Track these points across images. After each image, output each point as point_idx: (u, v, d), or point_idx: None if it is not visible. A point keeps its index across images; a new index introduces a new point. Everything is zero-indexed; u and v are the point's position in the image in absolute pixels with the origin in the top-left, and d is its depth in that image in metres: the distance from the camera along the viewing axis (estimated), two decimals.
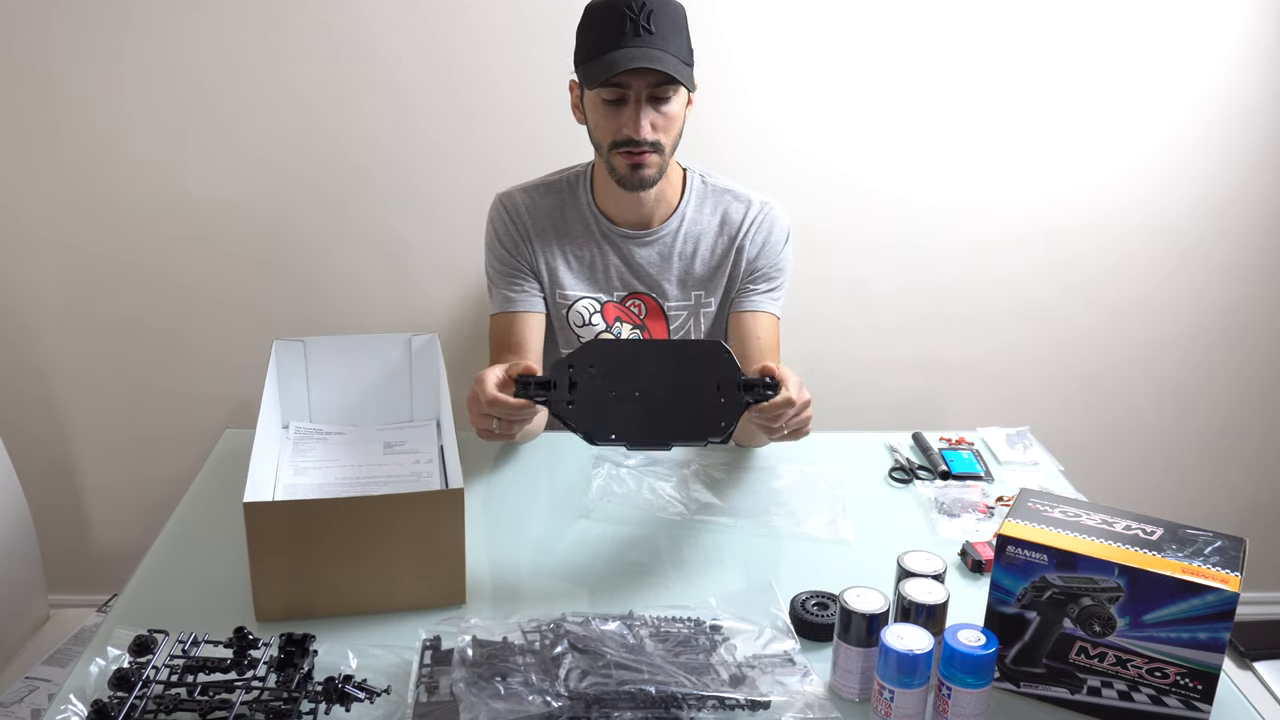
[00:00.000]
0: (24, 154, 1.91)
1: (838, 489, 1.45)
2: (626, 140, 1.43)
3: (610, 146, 1.45)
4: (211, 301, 2.02)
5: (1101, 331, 2.17)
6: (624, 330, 1.60)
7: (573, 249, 1.57)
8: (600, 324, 1.59)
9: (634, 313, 1.60)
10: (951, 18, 1.94)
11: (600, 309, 1.59)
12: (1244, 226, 2.11)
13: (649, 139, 1.42)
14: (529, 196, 1.57)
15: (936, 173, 2.03)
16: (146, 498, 2.06)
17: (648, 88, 1.41)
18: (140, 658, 1.00)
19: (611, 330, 1.59)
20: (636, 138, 1.42)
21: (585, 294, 1.58)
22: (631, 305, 1.60)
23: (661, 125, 1.44)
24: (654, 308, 1.60)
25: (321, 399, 1.53)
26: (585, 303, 1.58)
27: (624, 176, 1.46)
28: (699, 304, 1.61)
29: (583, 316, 1.59)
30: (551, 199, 1.57)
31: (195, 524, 1.33)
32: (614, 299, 1.59)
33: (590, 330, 1.60)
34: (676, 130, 1.47)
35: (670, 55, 1.39)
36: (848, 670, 1.03)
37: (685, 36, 1.44)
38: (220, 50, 1.86)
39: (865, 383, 2.17)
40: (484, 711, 0.91)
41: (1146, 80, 1.99)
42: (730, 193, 1.60)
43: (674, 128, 1.46)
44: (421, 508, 1.13)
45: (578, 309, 1.59)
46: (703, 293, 1.60)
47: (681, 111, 1.47)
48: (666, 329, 1.60)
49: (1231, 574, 0.96)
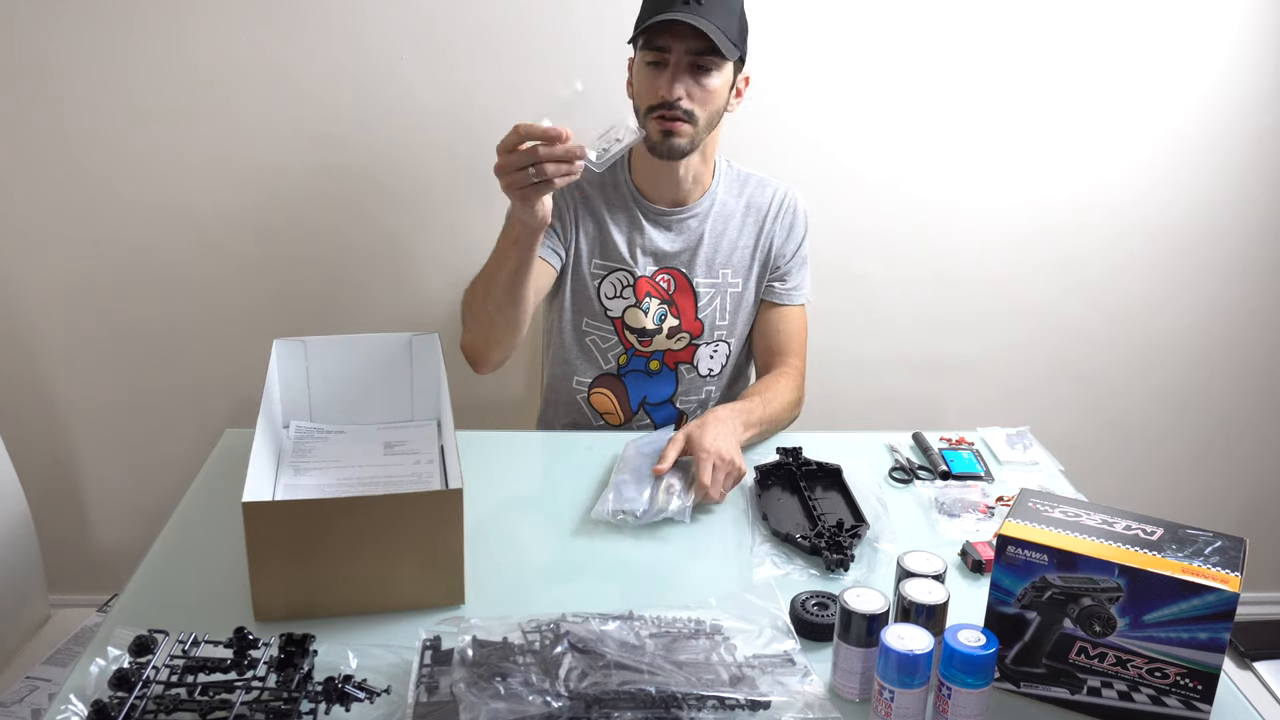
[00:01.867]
0: (24, 153, 1.91)
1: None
2: (661, 103, 1.47)
3: (647, 111, 1.50)
4: (211, 301, 2.02)
5: (1102, 331, 2.17)
6: (652, 306, 1.63)
7: (611, 221, 1.62)
8: (631, 297, 1.64)
9: (663, 287, 1.65)
10: (953, 16, 1.94)
11: (633, 283, 1.63)
12: (1244, 226, 2.11)
13: (683, 105, 1.47)
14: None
15: (936, 172, 2.03)
16: (146, 498, 2.06)
17: (688, 54, 1.46)
18: (140, 658, 1.00)
19: (640, 305, 1.63)
20: (670, 99, 1.46)
21: (619, 266, 1.63)
22: (661, 280, 1.64)
23: (698, 96, 1.48)
24: (683, 284, 1.65)
25: (321, 399, 1.53)
26: (617, 275, 1.63)
27: (656, 143, 1.51)
28: (725, 283, 1.66)
29: (614, 289, 1.64)
30: (603, 171, 1.59)
31: (195, 524, 1.33)
32: (646, 274, 1.63)
33: (619, 303, 1.64)
34: (714, 105, 1.51)
35: (715, 26, 1.43)
36: (848, 670, 1.03)
37: (737, 15, 1.50)
38: (220, 50, 1.86)
39: (865, 382, 2.17)
40: (484, 711, 0.91)
41: (1146, 80, 2.00)
42: (754, 178, 1.68)
43: (711, 101, 1.50)
44: (421, 508, 1.13)
45: (610, 281, 1.63)
46: (729, 272, 1.65)
47: (722, 89, 1.50)
48: (694, 304, 1.65)
49: (1231, 574, 0.96)
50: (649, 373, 1.68)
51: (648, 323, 1.65)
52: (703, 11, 1.44)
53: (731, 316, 1.68)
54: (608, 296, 1.64)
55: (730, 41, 1.46)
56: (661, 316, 1.65)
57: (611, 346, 1.67)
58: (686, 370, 1.69)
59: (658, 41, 1.46)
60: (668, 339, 1.66)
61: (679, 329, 1.66)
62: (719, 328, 1.68)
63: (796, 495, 1.42)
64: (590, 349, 1.68)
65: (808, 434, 1.56)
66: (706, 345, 1.68)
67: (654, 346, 1.67)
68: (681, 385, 1.70)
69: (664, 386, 1.70)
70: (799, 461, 1.47)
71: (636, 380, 1.69)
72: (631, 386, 1.70)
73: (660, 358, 1.68)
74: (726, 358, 1.70)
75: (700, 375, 1.70)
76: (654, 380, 1.69)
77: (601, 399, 1.70)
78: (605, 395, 1.70)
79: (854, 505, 1.38)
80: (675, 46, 1.46)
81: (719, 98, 1.51)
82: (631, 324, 1.65)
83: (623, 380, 1.69)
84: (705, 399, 1.72)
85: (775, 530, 1.32)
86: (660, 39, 1.46)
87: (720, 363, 1.70)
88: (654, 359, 1.68)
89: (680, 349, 1.68)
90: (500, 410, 2.13)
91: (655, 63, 1.49)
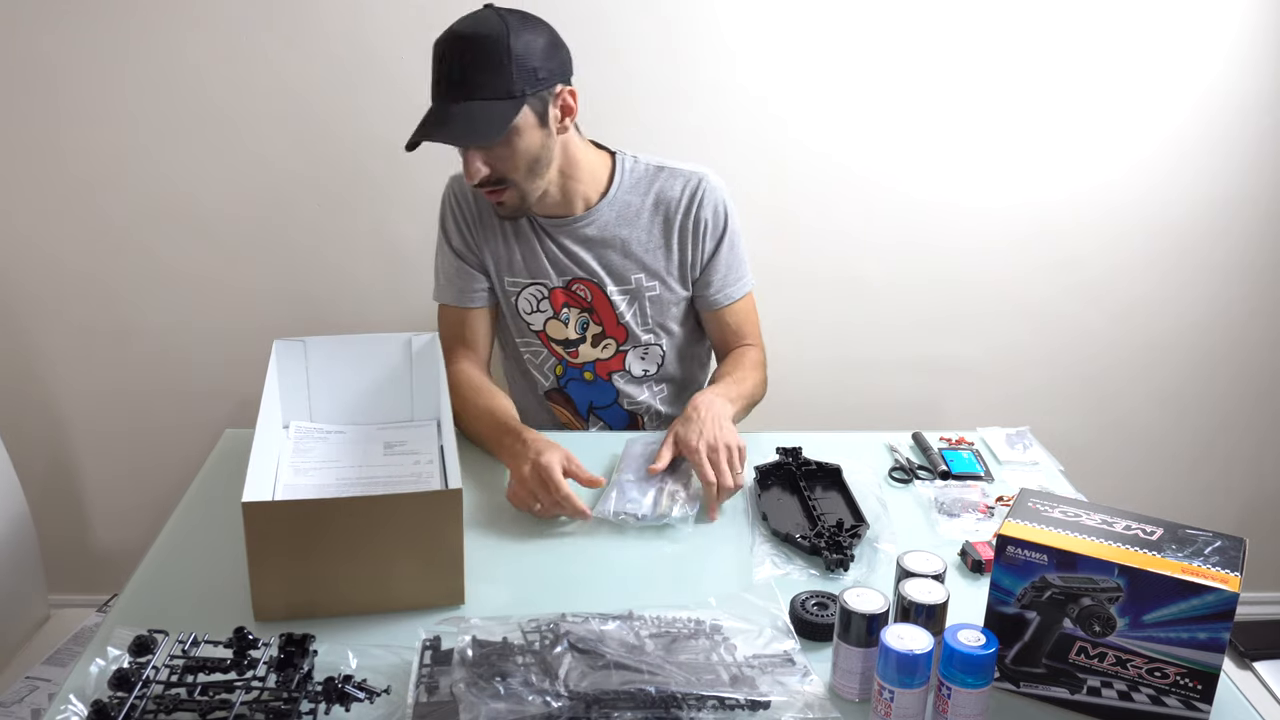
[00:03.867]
0: (24, 153, 1.91)
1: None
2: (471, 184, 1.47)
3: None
4: (211, 301, 2.02)
5: (1102, 331, 2.17)
6: (572, 316, 1.61)
7: (515, 238, 1.60)
8: (549, 310, 1.62)
9: (581, 296, 1.62)
10: (952, 15, 1.93)
11: (548, 295, 1.61)
12: (1244, 226, 2.11)
13: (488, 180, 1.45)
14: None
15: (936, 171, 2.03)
16: (146, 498, 2.06)
17: None
18: (140, 658, 1.00)
19: (559, 316, 1.61)
20: (472, 183, 1.45)
21: (530, 280, 1.61)
22: (578, 289, 1.61)
23: (498, 163, 1.44)
24: (597, 292, 1.61)
25: (321, 399, 1.53)
26: (532, 289, 1.61)
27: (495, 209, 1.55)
28: (641, 288, 1.61)
29: (531, 303, 1.61)
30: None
31: (195, 524, 1.33)
32: (559, 284, 1.61)
33: (539, 317, 1.62)
34: (523, 159, 1.44)
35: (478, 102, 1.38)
36: (848, 670, 1.03)
37: (506, 67, 1.37)
38: (220, 50, 1.86)
39: (865, 382, 2.17)
40: (484, 711, 0.91)
41: (1147, 80, 1.99)
42: (664, 169, 1.61)
43: (516, 161, 1.44)
44: (421, 508, 1.13)
45: (525, 296, 1.61)
46: (643, 276, 1.61)
47: (520, 144, 1.42)
48: (613, 311, 1.62)
49: (1231, 574, 0.96)
50: (584, 382, 1.67)
51: (570, 333, 1.62)
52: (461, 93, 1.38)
53: (656, 319, 1.63)
54: (526, 311, 1.62)
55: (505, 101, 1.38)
56: (584, 325, 1.62)
57: (544, 360, 1.66)
58: (619, 377, 1.66)
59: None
60: (593, 348, 1.63)
61: (603, 335, 1.63)
62: (644, 330, 1.64)
63: (796, 495, 1.42)
64: (528, 367, 1.68)
65: (808, 434, 1.56)
66: (635, 349, 1.65)
67: (582, 358, 1.64)
68: (622, 390, 1.67)
69: (604, 392, 1.68)
70: (799, 461, 1.47)
71: (579, 388, 1.68)
72: (575, 395, 1.68)
73: (592, 368, 1.65)
74: (662, 355, 1.66)
75: (635, 377, 1.67)
76: (593, 387, 1.67)
77: (558, 410, 1.71)
78: (559, 407, 1.70)
79: (854, 505, 1.38)
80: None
81: (525, 151, 1.43)
82: (555, 336, 1.63)
83: (565, 391, 1.69)
84: (652, 396, 1.69)
85: (775, 530, 1.32)
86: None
87: (655, 363, 1.67)
88: (586, 369, 1.66)
89: (609, 357, 1.64)
90: None
91: None
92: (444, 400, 1.39)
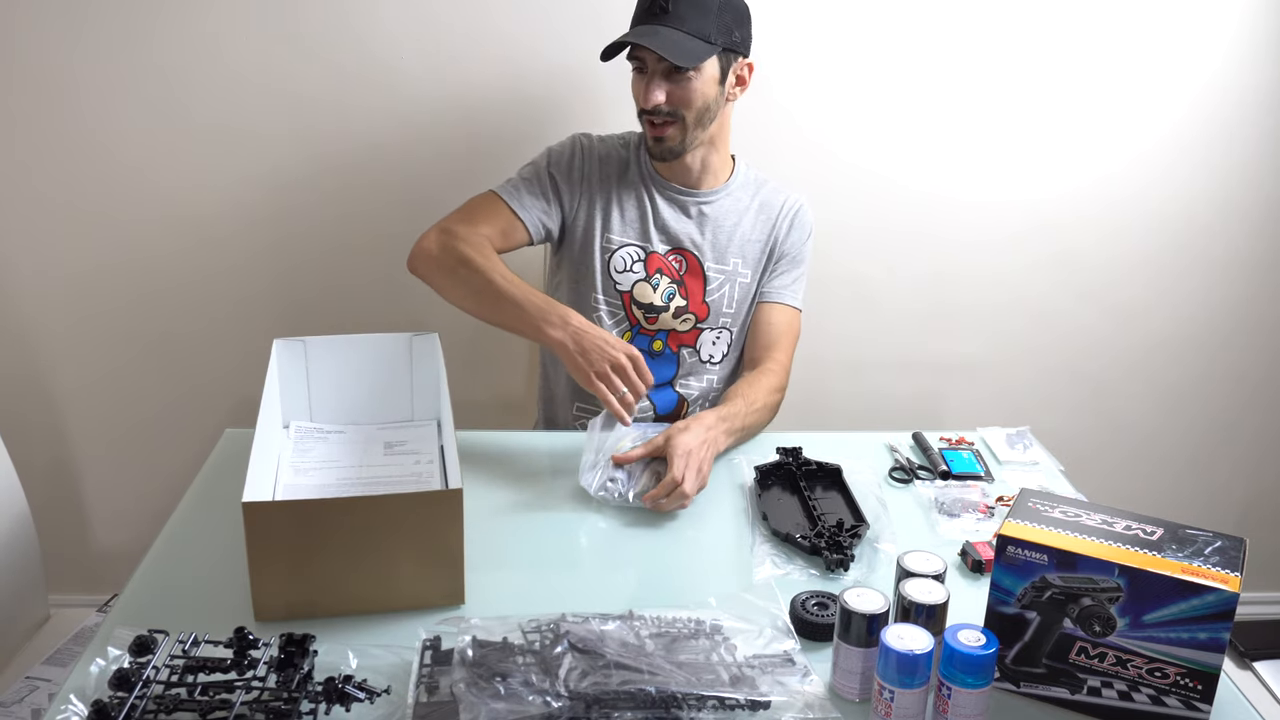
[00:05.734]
0: (24, 153, 1.91)
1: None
2: (644, 109, 1.55)
3: (639, 114, 1.57)
4: (211, 301, 2.02)
5: (1102, 331, 2.17)
6: (662, 283, 1.66)
7: (627, 198, 1.66)
8: (642, 271, 1.66)
9: (674, 267, 1.68)
10: (952, 13, 1.94)
11: (645, 258, 1.66)
12: (1244, 223, 2.11)
13: (662, 109, 1.53)
14: (605, 145, 1.69)
15: (936, 168, 2.03)
16: (146, 498, 2.06)
17: (658, 60, 1.50)
18: (140, 658, 1.00)
19: (650, 281, 1.66)
20: (647, 106, 1.53)
21: (631, 241, 1.66)
22: (673, 259, 1.67)
23: (679, 97, 1.54)
24: (694, 266, 1.67)
25: (322, 399, 1.53)
26: (630, 249, 1.66)
27: (650, 145, 1.61)
28: (735, 272, 1.69)
29: (625, 263, 1.66)
30: (621, 152, 1.68)
31: (195, 524, 1.33)
32: (659, 250, 1.66)
33: (629, 277, 1.66)
34: (700, 102, 1.55)
35: (681, 33, 1.48)
36: (848, 670, 1.03)
37: (713, 14, 1.51)
38: (220, 50, 1.86)
39: (865, 382, 2.17)
40: (484, 711, 0.91)
41: (1146, 75, 2.00)
42: (770, 184, 1.73)
43: (695, 100, 1.54)
44: (421, 508, 1.13)
45: (621, 255, 1.66)
46: (740, 262, 1.68)
47: (704, 87, 1.54)
48: (703, 288, 1.68)
49: (1231, 574, 0.96)
50: (652, 353, 1.69)
51: (656, 299, 1.66)
52: (669, 20, 1.49)
53: (737, 306, 1.70)
54: (618, 270, 1.66)
55: (703, 43, 1.50)
56: (670, 295, 1.67)
57: (619, 322, 1.68)
58: (689, 354, 1.70)
59: (633, 51, 1.53)
60: (673, 318, 1.68)
61: (685, 309, 1.67)
62: (724, 315, 1.69)
63: (796, 495, 1.42)
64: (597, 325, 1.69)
65: (808, 434, 1.56)
66: (710, 330, 1.69)
67: (659, 325, 1.68)
68: (683, 368, 1.70)
69: (666, 368, 1.70)
70: (799, 461, 1.47)
71: None
72: None
73: (664, 338, 1.69)
74: (728, 346, 1.71)
75: (701, 360, 1.70)
76: (656, 362, 1.69)
77: None
78: None
79: (854, 505, 1.38)
80: (647, 56, 1.52)
81: (703, 95, 1.54)
82: (640, 299, 1.67)
83: None
84: (707, 388, 1.72)
85: (775, 530, 1.32)
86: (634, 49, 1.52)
87: (722, 350, 1.71)
88: (658, 338, 1.69)
89: (685, 331, 1.69)
90: (500, 410, 2.13)
91: (637, 69, 1.56)
92: (444, 400, 1.39)
